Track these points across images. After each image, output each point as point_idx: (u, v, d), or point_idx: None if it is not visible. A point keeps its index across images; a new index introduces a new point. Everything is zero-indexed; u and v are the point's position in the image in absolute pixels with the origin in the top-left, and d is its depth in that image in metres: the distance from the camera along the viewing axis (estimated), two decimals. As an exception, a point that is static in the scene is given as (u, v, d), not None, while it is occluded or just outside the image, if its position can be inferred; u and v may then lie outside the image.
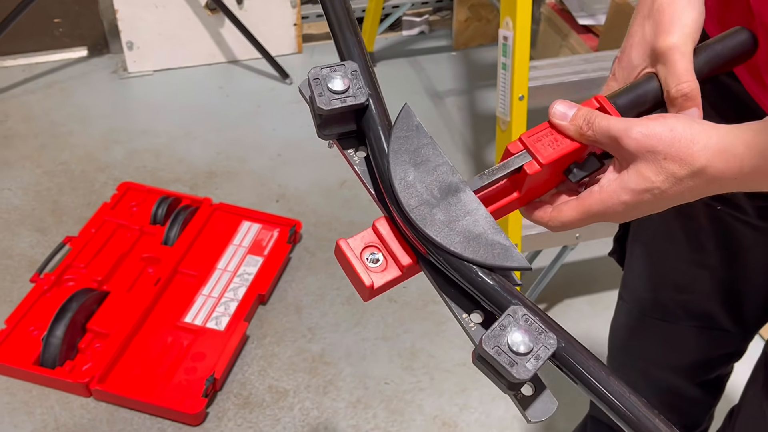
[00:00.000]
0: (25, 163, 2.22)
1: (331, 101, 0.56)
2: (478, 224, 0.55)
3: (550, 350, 0.48)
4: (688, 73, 0.63)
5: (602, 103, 0.63)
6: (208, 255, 1.92)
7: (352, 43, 0.61)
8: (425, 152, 0.57)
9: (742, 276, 0.97)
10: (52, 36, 2.61)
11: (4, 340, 1.68)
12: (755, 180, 0.56)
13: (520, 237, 1.64)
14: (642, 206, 0.60)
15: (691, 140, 0.56)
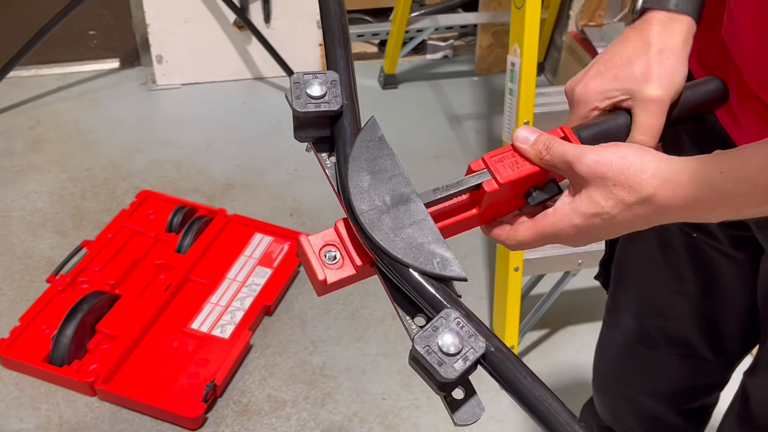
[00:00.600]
0: (51, 167, 2.30)
1: (306, 104, 0.60)
2: (423, 234, 0.57)
3: (478, 353, 0.51)
4: (655, 129, 0.66)
5: (566, 132, 0.65)
6: (219, 264, 1.96)
7: (339, 56, 0.64)
8: (383, 162, 0.60)
9: (720, 305, 0.98)
10: (86, 47, 2.70)
11: (17, 336, 1.74)
12: (700, 210, 0.58)
13: (521, 261, 1.66)
14: (593, 230, 0.62)
15: (640, 168, 0.58)
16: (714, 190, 0.56)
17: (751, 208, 0.56)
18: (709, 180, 0.56)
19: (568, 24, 2.58)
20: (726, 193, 0.55)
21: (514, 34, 1.54)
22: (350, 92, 0.63)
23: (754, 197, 0.55)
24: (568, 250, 1.69)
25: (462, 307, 0.55)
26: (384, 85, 2.70)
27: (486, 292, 1.98)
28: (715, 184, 0.56)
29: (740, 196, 0.55)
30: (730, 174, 0.55)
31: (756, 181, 0.54)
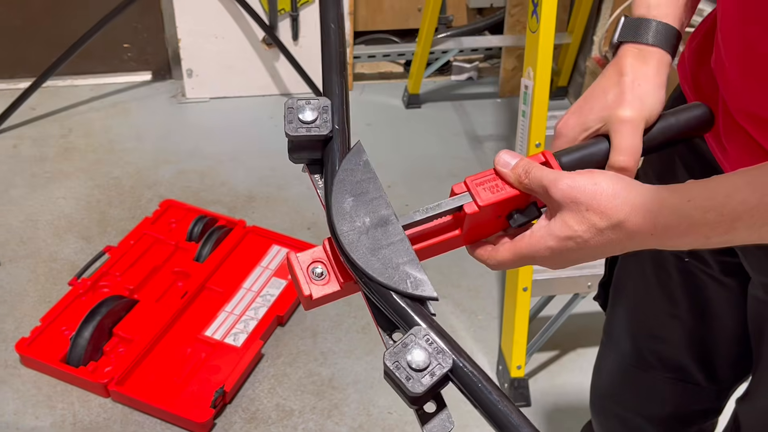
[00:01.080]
0: (80, 175, 2.37)
1: (297, 129, 0.63)
2: (398, 254, 0.60)
3: (445, 368, 0.53)
4: (631, 148, 0.69)
5: (547, 158, 0.67)
6: (235, 274, 2.01)
7: (335, 83, 0.68)
8: (366, 186, 0.63)
9: (712, 330, 0.99)
10: (120, 59, 2.79)
11: (37, 336, 1.80)
12: (669, 238, 0.59)
13: (530, 281, 1.68)
14: (567, 253, 0.64)
15: (612, 195, 0.60)
16: (682, 218, 0.57)
17: (718, 236, 0.57)
18: (678, 208, 0.58)
19: (592, 49, 2.59)
20: (693, 221, 0.57)
21: (528, 58, 1.57)
22: (342, 118, 0.66)
23: (720, 225, 0.56)
24: (576, 272, 1.70)
25: (433, 324, 0.57)
26: (408, 104, 2.74)
27: (497, 311, 1.99)
28: (683, 212, 0.57)
29: (707, 224, 0.57)
30: (698, 202, 0.57)
31: (722, 210, 0.56)
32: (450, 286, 2.06)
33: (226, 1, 2.55)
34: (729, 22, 0.71)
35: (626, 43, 0.74)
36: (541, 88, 1.54)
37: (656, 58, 0.72)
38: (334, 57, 0.69)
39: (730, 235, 0.57)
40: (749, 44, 0.68)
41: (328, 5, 0.70)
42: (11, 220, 2.19)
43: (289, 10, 2.60)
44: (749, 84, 0.70)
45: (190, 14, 2.56)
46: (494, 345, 1.90)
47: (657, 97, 0.71)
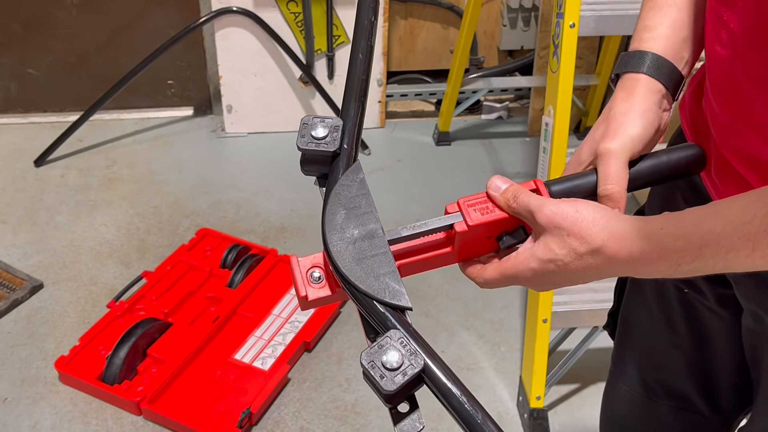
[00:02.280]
0: (122, 203, 2.48)
1: (308, 143, 0.70)
2: (381, 266, 0.65)
3: (417, 369, 0.57)
4: (615, 178, 0.72)
5: (538, 185, 0.72)
6: (265, 300, 2.08)
7: (351, 107, 0.74)
8: (359, 201, 0.68)
9: (712, 360, 1.01)
10: (164, 95, 2.92)
11: (75, 355, 1.88)
12: (642, 264, 0.63)
13: (550, 313, 1.71)
14: (548, 275, 0.68)
15: (592, 222, 0.65)
16: (654, 244, 0.62)
17: (687, 264, 0.61)
18: (651, 235, 0.62)
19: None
20: (664, 247, 0.61)
21: (549, 96, 1.64)
22: (352, 139, 0.72)
23: (688, 252, 0.60)
24: (597, 305, 1.73)
25: (409, 329, 0.62)
26: (438, 141, 2.82)
27: (519, 344, 2.03)
28: (655, 238, 0.62)
29: (677, 251, 0.61)
30: (669, 231, 0.61)
31: (690, 237, 0.60)
32: (473, 318, 2.11)
33: (266, 41, 2.67)
34: (714, 63, 0.76)
35: (623, 74, 0.78)
36: (561, 125, 1.60)
37: (643, 86, 0.76)
38: (356, 84, 0.75)
39: (698, 262, 0.60)
40: (732, 83, 0.73)
41: (360, 37, 0.77)
42: (55, 245, 2.30)
43: (326, 50, 2.71)
44: (733, 122, 0.74)
45: (232, 53, 2.68)
46: (515, 377, 1.93)
47: (640, 125, 0.74)
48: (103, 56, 2.80)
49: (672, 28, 0.78)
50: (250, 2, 2.59)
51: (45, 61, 2.79)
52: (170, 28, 2.65)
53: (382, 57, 2.76)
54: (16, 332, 2.01)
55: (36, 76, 2.81)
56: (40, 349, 1.97)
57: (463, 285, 2.18)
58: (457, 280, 2.18)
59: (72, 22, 2.72)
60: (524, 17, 2.86)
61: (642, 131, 0.74)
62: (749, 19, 0.68)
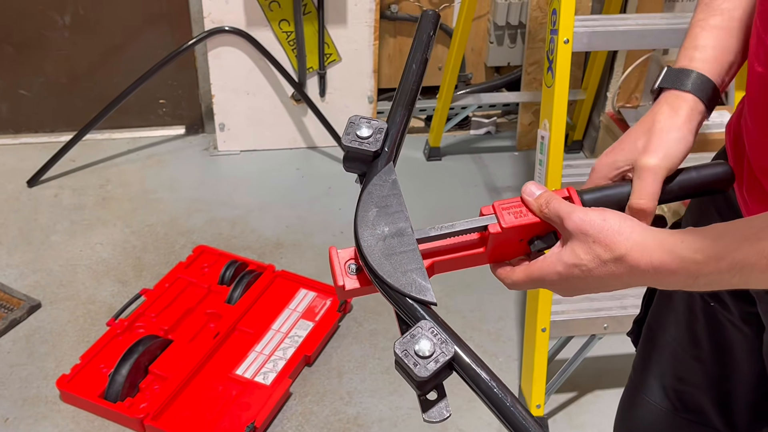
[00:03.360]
0: (117, 222, 2.49)
1: (351, 141, 0.73)
2: (409, 262, 0.68)
3: (448, 356, 0.60)
4: (649, 194, 0.75)
5: (571, 193, 0.75)
6: (265, 316, 2.10)
7: (398, 114, 0.77)
8: (390, 200, 0.72)
9: (731, 376, 1.02)
10: (156, 114, 2.94)
11: (77, 373, 1.88)
12: (663, 275, 0.66)
13: (548, 322, 1.75)
14: (573, 280, 0.71)
15: (617, 231, 0.68)
16: (674, 256, 0.64)
17: (704, 276, 0.64)
18: (671, 247, 0.65)
19: (605, 105, 2.71)
20: (683, 259, 0.64)
21: (544, 110, 1.68)
22: (393, 144, 0.75)
23: (706, 265, 0.63)
24: (593, 313, 1.77)
25: (438, 319, 0.65)
26: (428, 157, 2.86)
27: (517, 354, 2.06)
28: (675, 250, 0.64)
29: (695, 263, 0.63)
30: (689, 244, 0.64)
31: (708, 251, 0.63)
32: (471, 330, 2.14)
33: (258, 60, 2.70)
34: (753, 80, 0.78)
35: (665, 89, 0.79)
36: (556, 138, 1.65)
37: (689, 106, 0.78)
38: (406, 93, 0.78)
39: (715, 275, 0.63)
40: (766, 101, 0.75)
41: (416, 49, 0.80)
42: (52, 264, 2.30)
43: (317, 69, 2.75)
44: (765, 140, 0.77)
45: (224, 72, 2.71)
46: (514, 387, 1.96)
47: (682, 146, 0.76)
48: (96, 77, 2.81)
49: (720, 51, 0.80)
50: (242, 22, 2.63)
51: (37, 82, 2.80)
52: (162, 48, 2.67)
53: (373, 74, 2.80)
54: (16, 352, 2.01)
55: (28, 97, 2.82)
56: (41, 369, 1.97)
57: (461, 297, 2.21)
58: (455, 292, 2.21)
59: (64, 43, 2.74)
60: (510, 34, 2.92)
61: (683, 152, 0.77)
62: None
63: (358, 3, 2.66)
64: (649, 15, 1.90)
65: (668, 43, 1.86)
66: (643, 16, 1.82)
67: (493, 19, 2.86)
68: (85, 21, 2.71)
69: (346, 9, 2.66)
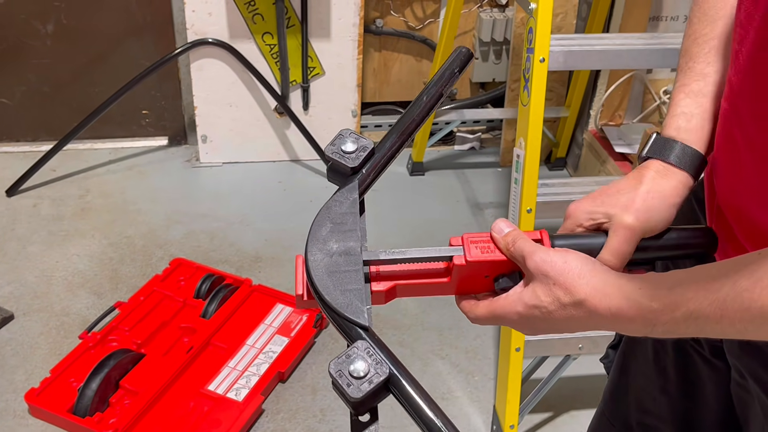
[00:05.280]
0: (95, 233, 2.47)
1: (333, 153, 0.74)
2: (350, 282, 0.67)
3: (382, 377, 0.60)
4: (621, 253, 0.73)
5: (543, 236, 0.74)
6: (239, 331, 2.08)
7: (390, 141, 0.76)
8: (347, 218, 0.71)
9: (698, 410, 1.00)
10: (139, 125, 2.92)
11: (46, 387, 1.86)
12: (621, 321, 0.65)
13: (523, 342, 1.73)
14: (533, 321, 0.70)
15: (578, 275, 0.67)
16: (631, 302, 0.64)
17: (662, 325, 0.63)
18: (629, 294, 0.64)
19: (589, 122, 2.71)
20: (640, 306, 0.63)
21: (520, 129, 1.67)
22: (374, 167, 0.75)
23: (662, 313, 0.62)
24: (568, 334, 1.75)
25: (375, 339, 0.64)
26: (412, 171, 2.85)
27: (493, 372, 2.04)
28: (633, 297, 0.64)
29: (651, 311, 0.63)
30: (646, 291, 0.63)
31: (664, 299, 0.62)
32: (448, 347, 2.12)
33: (241, 72, 2.69)
34: (721, 118, 0.77)
35: (653, 158, 0.78)
36: (531, 157, 1.64)
37: (678, 179, 0.77)
38: (406, 123, 0.77)
39: (672, 324, 0.62)
40: (730, 138, 0.75)
41: (435, 83, 0.79)
42: (27, 275, 2.28)
43: (300, 82, 2.74)
44: (729, 177, 0.77)
45: (207, 84, 2.70)
46: (489, 406, 1.94)
47: (665, 215, 0.75)
48: (78, 86, 2.80)
49: (705, 120, 0.79)
50: (225, 34, 2.62)
51: (19, 90, 2.78)
52: (145, 59, 2.66)
53: (357, 89, 2.80)
54: (-14, 364, 1.98)
55: (9, 105, 2.80)
56: (10, 382, 1.94)
57: (437, 314, 2.20)
58: (433, 309, 2.20)
59: (47, 51, 2.72)
60: (495, 50, 2.92)
61: (665, 223, 0.75)
62: (744, 73, 0.71)
63: (342, 17, 2.65)
64: (627, 35, 1.90)
65: (645, 63, 1.86)
66: (621, 36, 1.82)
67: (478, 34, 2.86)
68: (68, 30, 2.70)
69: (330, 23, 2.66)
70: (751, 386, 0.85)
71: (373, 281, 0.71)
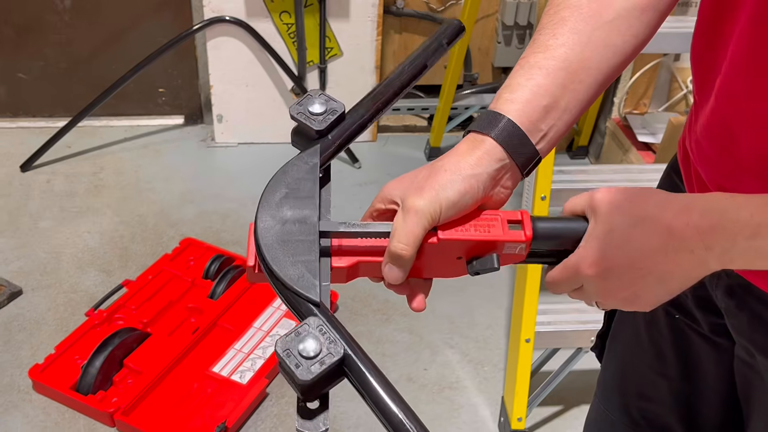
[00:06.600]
0: (107, 211, 2.45)
1: (297, 112, 0.69)
2: (302, 253, 0.61)
3: (336, 358, 0.54)
4: (407, 237, 0.64)
5: (523, 217, 0.66)
6: (247, 313, 2.05)
7: (363, 106, 0.71)
8: (303, 184, 0.65)
9: (700, 392, 0.97)
10: (155, 103, 2.90)
11: (50, 364, 1.85)
12: (709, 237, 0.58)
13: (533, 332, 1.68)
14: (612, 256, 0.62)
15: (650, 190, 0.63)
16: (719, 213, 0.58)
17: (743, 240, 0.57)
18: (714, 203, 0.59)
19: (612, 110, 2.63)
20: (731, 217, 0.57)
21: (537, 113, 1.61)
22: (342, 133, 0.69)
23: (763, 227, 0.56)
24: (581, 326, 1.70)
25: (328, 316, 0.58)
26: (429, 157, 2.80)
27: (503, 363, 1.99)
28: (718, 207, 0.58)
29: (747, 225, 0.57)
30: (740, 200, 0.58)
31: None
32: (458, 336, 2.07)
33: (258, 52, 2.65)
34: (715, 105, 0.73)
35: (471, 132, 0.68)
36: (547, 142, 1.58)
37: (484, 149, 0.66)
38: (383, 91, 0.71)
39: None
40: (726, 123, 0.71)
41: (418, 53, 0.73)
42: (37, 250, 2.27)
43: (318, 62, 2.69)
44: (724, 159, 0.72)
45: (223, 62, 2.67)
46: (498, 397, 1.89)
47: (457, 191, 0.64)
48: (95, 62, 2.78)
49: (534, 93, 0.67)
50: (242, 12, 2.58)
51: (36, 65, 2.77)
52: (163, 36, 2.63)
53: (375, 71, 2.75)
54: (-8, 339, 1.98)
55: (26, 80, 2.79)
56: (16, 357, 1.93)
57: (448, 302, 2.15)
58: (443, 297, 2.15)
59: (64, 27, 2.70)
60: (519, 34, 2.85)
61: (457, 198, 0.64)
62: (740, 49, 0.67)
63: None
64: (653, 18, 1.82)
65: (670, 48, 1.79)
66: (646, 19, 1.74)
67: (502, 18, 2.79)
68: (86, 6, 2.67)
69: (349, 2, 2.60)
70: (759, 364, 0.81)
71: (334, 255, 0.64)
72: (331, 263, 0.64)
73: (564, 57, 0.69)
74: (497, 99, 0.69)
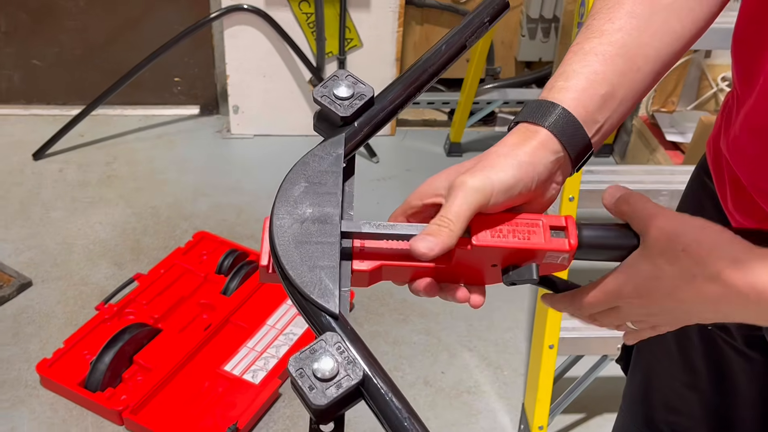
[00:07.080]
0: (119, 202, 2.40)
1: (321, 95, 0.62)
2: (322, 257, 0.55)
3: (354, 381, 0.48)
4: (453, 214, 0.57)
5: (568, 223, 0.60)
6: (260, 310, 1.99)
7: (394, 92, 0.65)
8: (326, 178, 0.59)
9: (732, 405, 0.92)
10: (170, 93, 2.85)
11: (59, 359, 1.80)
12: None
13: (557, 339, 1.62)
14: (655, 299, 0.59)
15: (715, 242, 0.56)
16: None
17: None
18: None
19: (639, 108, 2.55)
20: None
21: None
22: (370, 121, 0.63)
23: None
24: (606, 332, 1.64)
25: (347, 330, 0.52)
26: (449, 152, 2.73)
27: (524, 368, 1.93)
28: None
29: None
30: None
31: None
32: (477, 339, 2.01)
33: (276, 42, 2.59)
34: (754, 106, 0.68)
35: (520, 123, 0.62)
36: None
37: (539, 140, 0.60)
38: (417, 74, 0.65)
39: None
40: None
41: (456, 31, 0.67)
42: (48, 241, 2.23)
43: (337, 54, 2.63)
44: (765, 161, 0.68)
45: (240, 52, 2.61)
46: (518, 403, 1.83)
47: (511, 174, 0.58)
48: (111, 50, 2.73)
49: (590, 81, 0.62)
50: (261, 0, 2.52)
51: (51, 52, 2.72)
52: (180, 24, 2.57)
53: (395, 63, 2.68)
54: (0, 331, 1.93)
55: (41, 67, 2.74)
56: (24, 350, 1.89)
57: (467, 303, 2.09)
58: (462, 298, 2.09)
59: (80, 14, 2.65)
60: (544, 28, 2.77)
61: (511, 182, 0.58)
62: None
63: (383, -13, 2.53)
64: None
65: (705, 44, 1.71)
66: (683, 13, 1.67)
67: (526, 11, 2.72)
68: (102, -8, 2.63)
69: (370, -8, 2.54)
70: None
71: (355, 258, 0.59)
72: (352, 266, 0.59)
73: (622, 43, 0.62)
74: (550, 87, 0.63)
